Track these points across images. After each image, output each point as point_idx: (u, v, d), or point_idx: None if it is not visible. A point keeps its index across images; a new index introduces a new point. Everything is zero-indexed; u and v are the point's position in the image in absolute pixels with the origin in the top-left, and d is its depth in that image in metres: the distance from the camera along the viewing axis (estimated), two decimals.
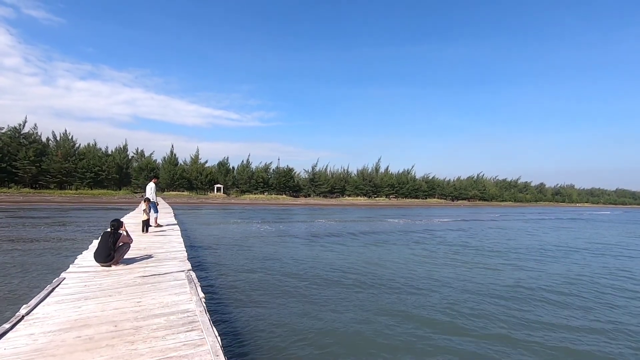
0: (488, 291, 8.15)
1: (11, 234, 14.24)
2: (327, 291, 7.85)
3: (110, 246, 6.25)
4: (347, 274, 9.55)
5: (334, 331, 5.69)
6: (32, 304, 4.16)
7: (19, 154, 45.64)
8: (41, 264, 9.31)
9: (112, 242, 6.29)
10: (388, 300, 7.40)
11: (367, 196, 77.02)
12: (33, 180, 48.09)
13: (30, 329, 3.52)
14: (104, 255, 6.21)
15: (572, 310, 7.05)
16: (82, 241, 12.57)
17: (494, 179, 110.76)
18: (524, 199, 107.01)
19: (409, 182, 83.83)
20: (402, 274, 9.69)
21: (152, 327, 3.64)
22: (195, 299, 4.52)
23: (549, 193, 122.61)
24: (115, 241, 6.33)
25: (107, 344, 3.23)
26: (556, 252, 14.33)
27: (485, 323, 6.19)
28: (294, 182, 71.58)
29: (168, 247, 8.44)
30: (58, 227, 17.33)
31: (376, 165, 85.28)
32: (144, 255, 7.35)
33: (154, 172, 54.15)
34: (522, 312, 6.80)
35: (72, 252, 10.12)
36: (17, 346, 3.15)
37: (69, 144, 52.15)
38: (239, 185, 65.28)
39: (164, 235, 10.32)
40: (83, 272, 5.87)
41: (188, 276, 5.65)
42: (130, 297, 4.62)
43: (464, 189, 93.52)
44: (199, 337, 3.38)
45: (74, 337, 3.35)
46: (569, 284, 9.12)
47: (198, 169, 61.44)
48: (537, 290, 8.34)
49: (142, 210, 11.23)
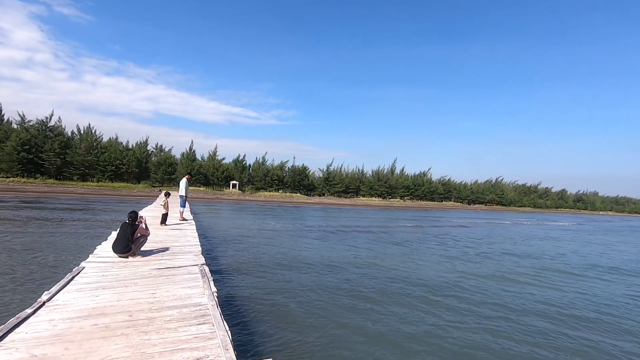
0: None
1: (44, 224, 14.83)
2: (339, 289, 7.85)
3: (128, 237, 6.42)
4: (362, 274, 9.52)
5: (344, 327, 5.69)
6: (52, 291, 4.33)
7: (45, 146, 47.37)
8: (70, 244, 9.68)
9: (130, 233, 6.45)
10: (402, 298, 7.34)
11: (381, 197, 76.43)
12: (57, 172, 49.82)
13: (51, 315, 3.66)
14: (122, 246, 6.39)
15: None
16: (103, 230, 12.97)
17: (513, 184, 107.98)
18: (544, 205, 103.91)
19: (425, 184, 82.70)
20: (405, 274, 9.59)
21: (165, 318, 3.73)
22: (207, 292, 4.61)
23: (571, 200, 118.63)
24: (133, 232, 6.49)
25: (122, 333, 3.33)
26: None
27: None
28: (309, 181, 71.71)
29: (183, 240, 8.62)
30: (82, 219, 17.92)
31: (392, 167, 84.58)
32: (160, 248, 7.52)
33: (172, 167, 55.53)
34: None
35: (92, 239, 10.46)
36: (38, 331, 3.29)
37: (92, 138, 53.76)
38: (254, 182, 65.84)
39: (180, 229, 10.54)
40: (102, 262, 6.06)
41: (201, 270, 5.76)
42: (145, 288, 4.75)
43: (481, 193, 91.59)
44: (210, 331, 3.45)
45: (91, 325, 3.47)
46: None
47: (215, 165, 62.27)
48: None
49: (161, 204, 11.49)
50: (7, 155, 43.69)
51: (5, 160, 43.84)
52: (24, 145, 44.81)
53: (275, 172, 67.20)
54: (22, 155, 44.54)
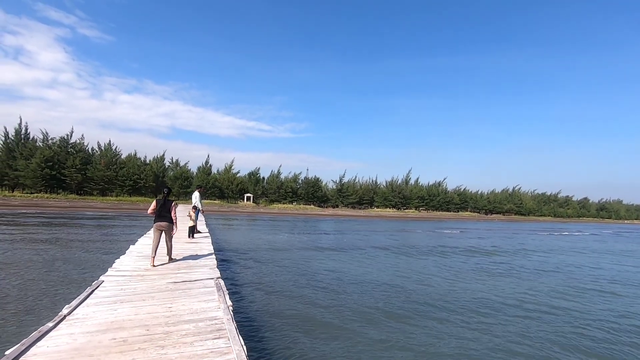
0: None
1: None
2: (355, 304, 7.74)
3: (169, 210, 7.21)
4: (383, 290, 9.38)
5: (365, 344, 5.58)
6: (73, 305, 4.41)
7: (67, 162, 49.08)
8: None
9: (167, 210, 7.20)
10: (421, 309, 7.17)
11: (396, 208, 75.64)
12: (78, 187, 51.41)
13: (71, 329, 3.73)
14: (168, 218, 7.18)
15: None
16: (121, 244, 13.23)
17: (532, 193, 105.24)
18: (565, 214, 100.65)
19: (440, 194, 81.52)
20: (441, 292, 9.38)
21: (181, 332, 3.75)
22: (223, 306, 4.61)
23: (593, 208, 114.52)
24: (169, 209, 7.23)
25: (139, 347, 3.36)
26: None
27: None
28: (322, 193, 71.75)
29: (199, 254, 8.70)
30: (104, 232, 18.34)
31: (406, 177, 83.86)
32: (177, 260, 7.61)
33: (188, 180, 56.63)
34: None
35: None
36: (59, 344, 3.35)
37: (111, 154, 55.45)
38: (268, 195, 66.27)
39: (196, 243, 10.64)
40: (120, 275, 6.16)
41: (217, 284, 5.79)
42: (162, 302, 4.79)
43: (499, 203, 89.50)
44: (225, 345, 3.44)
45: (110, 339, 3.51)
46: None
47: (229, 178, 63.12)
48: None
49: (188, 215, 11.62)
50: (32, 172, 45.41)
51: (30, 177, 45.56)
52: (47, 162, 46.54)
53: (289, 184, 67.57)
54: (46, 171, 46.23)
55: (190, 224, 11.38)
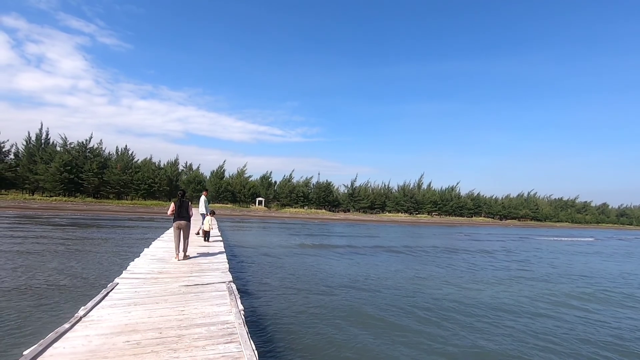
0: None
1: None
2: (371, 309, 7.66)
3: (187, 209, 8.12)
4: (395, 296, 9.27)
5: (377, 351, 5.51)
6: (89, 306, 4.49)
7: (85, 166, 50.37)
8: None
9: (185, 208, 8.08)
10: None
11: (408, 213, 74.91)
12: (95, 191, 52.65)
13: (86, 331, 3.79)
14: (187, 217, 8.14)
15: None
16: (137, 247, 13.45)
17: (548, 198, 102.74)
18: (583, 220, 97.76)
19: (453, 199, 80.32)
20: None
21: (193, 336, 3.76)
22: (234, 310, 4.62)
23: (613, 214, 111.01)
24: (186, 208, 8.14)
25: (152, 350, 3.38)
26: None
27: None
28: (333, 197, 71.64)
29: (211, 257, 8.76)
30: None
31: (418, 182, 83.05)
32: (189, 264, 7.69)
33: (200, 184, 57.44)
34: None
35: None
36: (75, 346, 3.40)
37: (127, 158, 56.68)
38: (280, 199, 66.53)
39: (208, 246, 10.74)
40: (134, 278, 6.25)
41: (229, 288, 5.81)
42: (174, 305, 4.83)
43: (514, 208, 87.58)
44: (237, 350, 3.43)
45: (124, 342, 3.55)
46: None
47: (242, 182, 63.67)
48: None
49: (209, 222, 11.78)
50: (52, 175, 46.75)
51: (49, 181, 46.90)
52: (66, 166, 47.82)
53: (301, 188, 67.71)
54: (65, 175, 47.51)
55: (206, 227, 11.57)
